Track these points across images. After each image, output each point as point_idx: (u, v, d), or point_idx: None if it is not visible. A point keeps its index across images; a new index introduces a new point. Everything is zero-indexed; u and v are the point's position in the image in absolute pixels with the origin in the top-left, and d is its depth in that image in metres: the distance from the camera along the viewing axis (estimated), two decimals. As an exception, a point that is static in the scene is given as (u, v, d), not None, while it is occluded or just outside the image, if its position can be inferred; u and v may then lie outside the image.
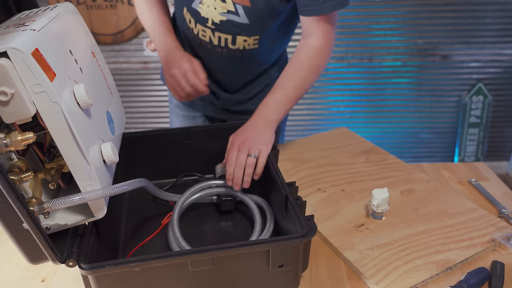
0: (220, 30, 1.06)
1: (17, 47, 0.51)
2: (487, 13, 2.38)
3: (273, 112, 0.97)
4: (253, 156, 0.89)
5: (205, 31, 1.09)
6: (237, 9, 1.01)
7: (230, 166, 0.90)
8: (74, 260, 0.63)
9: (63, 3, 0.74)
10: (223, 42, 1.08)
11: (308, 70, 1.01)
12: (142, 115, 2.64)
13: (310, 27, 1.01)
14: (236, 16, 1.02)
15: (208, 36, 1.09)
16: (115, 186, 0.63)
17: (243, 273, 0.70)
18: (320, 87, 2.56)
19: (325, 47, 1.03)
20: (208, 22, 1.06)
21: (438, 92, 2.59)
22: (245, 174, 0.89)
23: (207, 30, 1.08)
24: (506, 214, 0.93)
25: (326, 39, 1.02)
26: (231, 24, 1.04)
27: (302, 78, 1.01)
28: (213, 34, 1.08)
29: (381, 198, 0.88)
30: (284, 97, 0.99)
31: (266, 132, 0.94)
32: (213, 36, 1.08)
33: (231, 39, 1.07)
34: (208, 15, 1.04)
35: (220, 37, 1.08)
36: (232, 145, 0.92)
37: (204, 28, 1.08)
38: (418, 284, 0.75)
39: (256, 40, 1.08)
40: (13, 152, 0.61)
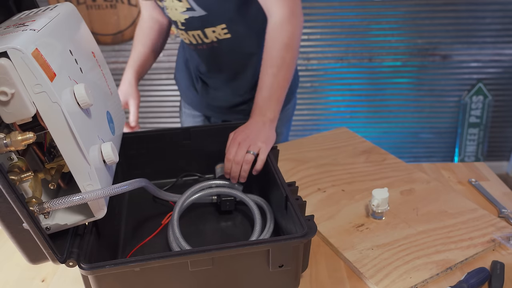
0: (190, 29, 1.11)
1: (17, 47, 0.51)
2: (487, 13, 2.38)
3: (269, 110, 0.97)
4: (251, 153, 0.91)
5: (182, 34, 1.15)
6: (191, 4, 1.05)
7: (229, 161, 0.92)
8: (74, 260, 0.63)
9: (63, 3, 0.74)
10: (198, 39, 1.13)
11: (281, 53, 0.98)
12: (142, 115, 2.65)
13: (266, 2, 0.99)
14: (193, 11, 1.06)
15: (187, 37, 1.16)
16: (115, 186, 0.63)
17: (243, 273, 0.70)
18: (320, 87, 2.56)
19: (289, 19, 0.98)
20: (179, 25, 1.12)
21: (438, 92, 2.59)
22: (242, 170, 0.91)
23: (183, 32, 1.14)
24: (506, 214, 0.93)
25: (287, 9, 0.97)
26: (194, 20, 1.08)
27: (279, 63, 0.98)
28: (187, 34, 1.13)
29: (381, 198, 0.88)
30: (272, 91, 0.98)
31: (266, 130, 0.95)
32: (189, 36, 1.13)
33: (202, 34, 1.11)
34: (175, 17, 1.10)
35: (194, 35, 1.12)
36: (233, 141, 0.93)
37: (180, 30, 1.15)
38: (418, 284, 0.75)
39: (225, 29, 1.10)
40: (13, 152, 0.61)
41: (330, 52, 2.50)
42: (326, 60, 2.51)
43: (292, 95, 1.35)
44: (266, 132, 0.95)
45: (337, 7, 2.39)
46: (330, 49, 2.49)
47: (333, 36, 2.46)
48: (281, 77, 0.98)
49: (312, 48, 2.48)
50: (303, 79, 2.54)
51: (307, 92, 2.56)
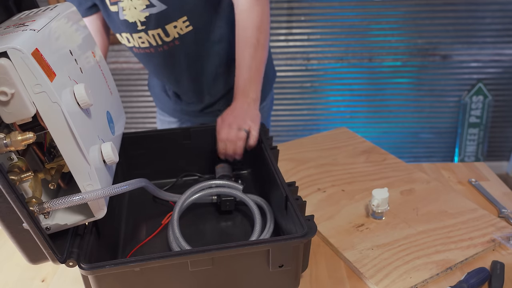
0: (150, 28, 1.07)
1: (17, 47, 0.51)
2: (487, 13, 2.38)
3: (251, 91, 1.00)
4: (244, 130, 0.93)
5: (141, 37, 1.10)
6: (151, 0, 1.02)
7: (222, 141, 0.94)
8: (74, 260, 0.63)
9: (63, 3, 0.74)
10: (158, 39, 1.09)
11: (255, 34, 1.00)
12: (142, 115, 2.65)
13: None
14: (153, 7, 1.03)
15: (146, 40, 1.10)
16: (115, 186, 0.63)
17: (243, 273, 0.70)
18: (320, 87, 2.56)
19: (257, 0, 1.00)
20: (138, 26, 1.07)
21: (438, 92, 2.59)
22: (237, 147, 0.94)
23: (142, 35, 1.09)
24: (506, 214, 0.93)
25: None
26: (155, 17, 1.05)
27: (255, 43, 1.00)
28: (148, 35, 1.09)
29: (381, 198, 0.88)
30: (251, 72, 1.00)
31: (252, 110, 0.98)
32: (149, 37, 1.09)
33: (163, 32, 1.08)
34: (133, 17, 1.06)
35: (154, 35, 1.09)
36: (223, 124, 0.96)
37: (139, 34, 1.09)
38: (418, 284, 0.75)
39: (186, 22, 1.08)
40: (13, 152, 0.61)
41: (330, 52, 2.50)
42: (326, 60, 2.51)
43: (268, 92, 1.32)
44: (252, 111, 0.98)
45: (337, 7, 2.39)
46: (330, 49, 2.49)
47: (333, 36, 2.46)
48: (258, 57, 1.01)
49: (312, 48, 2.48)
50: (303, 79, 2.54)
51: (307, 92, 2.56)
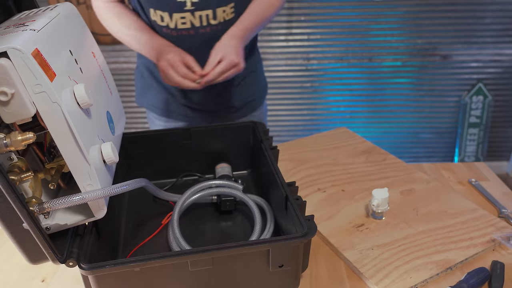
0: (199, 8, 1.08)
1: (17, 47, 0.51)
2: (487, 13, 2.39)
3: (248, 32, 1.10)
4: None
5: (184, 17, 1.09)
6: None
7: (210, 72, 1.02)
8: (74, 260, 0.63)
9: (63, 3, 0.74)
10: (205, 20, 1.10)
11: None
12: (142, 115, 2.65)
13: None
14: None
15: (189, 21, 1.10)
16: (115, 186, 0.63)
17: (243, 273, 0.70)
18: (320, 87, 2.56)
19: None
20: (186, 5, 1.07)
21: (438, 92, 2.60)
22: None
23: (186, 15, 1.08)
24: (506, 214, 0.93)
25: None
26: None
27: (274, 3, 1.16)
28: (193, 16, 1.09)
29: (381, 198, 0.88)
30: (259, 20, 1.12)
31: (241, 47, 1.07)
32: (194, 17, 1.09)
33: (212, 14, 1.09)
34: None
35: (201, 16, 1.09)
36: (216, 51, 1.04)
37: (183, 14, 1.08)
38: (418, 284, 0.75)
39: (232, 8, 1.11)
40: (13, 152, 0.61)
41: (330, 52, 2.50)
42: (326, 60, 2.51)
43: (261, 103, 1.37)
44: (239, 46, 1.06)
45: (337, 7, 2.39)
46: (330, 49, 2.49)
47: (333, 36, 2.46)
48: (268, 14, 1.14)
49: (312, 48, 2.48)
50: (303, 79, 2.54)
51: (307, 92, 2.56)
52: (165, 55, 1.03)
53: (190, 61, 1.04)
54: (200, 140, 1.02)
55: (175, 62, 1.02)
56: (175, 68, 1.02)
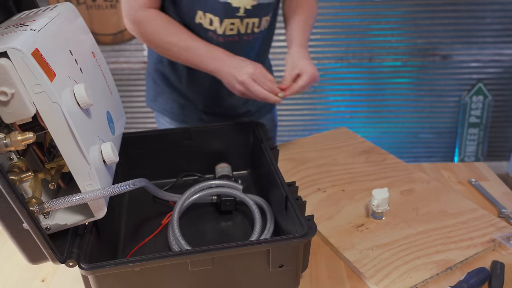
0: (249, 16, 1.06)
1: (17, 47, 0.51)
2: (487, 13, 2.38)
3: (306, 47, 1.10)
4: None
5: (233, 23, 1.06)
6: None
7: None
8: (74, 260, 0.63)
9: (63, 3, 0.74)
10: (250, 28, 1.09)
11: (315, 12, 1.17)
12: (142, 115, 2.65)
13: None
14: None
15: (237, 27, 1.07)
16: (115, 186, 0.63)
17: (243, 273, 0.70)
18: (320, 87, 2.56)
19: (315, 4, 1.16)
20: (239, 12, 1.04)
21: (438, 92, 2.59)
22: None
23: (236, 21, 1.06)
24: (506, 214, 0.93)
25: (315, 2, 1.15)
26: (261, 7, 1.05)
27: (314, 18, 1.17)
28: (242, 23, 1.07)
29: (381, 198, 0.88)
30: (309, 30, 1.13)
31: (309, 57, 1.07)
32: (241, 24, 1.07)
33: (258, 22, 1.08)
34: (240, 3, 1.03)
35: (247, 23, 1.07)
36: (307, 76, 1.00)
37: (233, 20, 1.05)
38: (418, 284, 0.75)
39: (269, 17, 1.12)
40: (13, 152, 0.61)
41: (330, 52, 2.50)
42: (326, 60, 2.51)
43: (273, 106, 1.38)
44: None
45: (337, 7, 2.39)
46: (330, 49, 2.49)
47: (333, 36, 2.46)
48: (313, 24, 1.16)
49: (312, 48, 2.48)
50: (303, 79, 2.54)
51: (307, 92, 2.56)
52: (245, 68, 0.96)
53: (268, 75, 0.98)
54: (200, 140, 1.02)
55: (258, 76, 0.96)
56: (260, 82, 0.95)
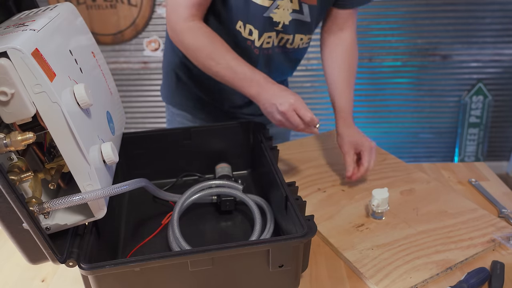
0: (286, 32, 1.06)
1: (17, 47, 0.51)
2: (487, 13, 2.38)
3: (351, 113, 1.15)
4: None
5: (271, 37, 1.06)
6: (302, 7, 1.03)
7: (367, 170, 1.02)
8: (74, 260, 0.63)
9: (63, 3, 0.74)
10: (283, 42, 1.09)
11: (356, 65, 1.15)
12: (142, 115, 2.65)
13: (346, 20, 1.11)
14: (300, 14, 1.04)
15: (273, 41, 1.07)
16: (115, 186, 0.63)
17: (243, 273, 0.70)
18: (320, 87, 2.56)
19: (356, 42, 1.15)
20: (278, 26, 1.04)
21: (438, 92, 2.59)
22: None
23: (273, 34, 1.06)
24: (506, 214, 0.93)
25: (355, 33, 1.15)
26: (297, 23, 1.05)
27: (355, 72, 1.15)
28: (277, 36, 1.07)
29: (381, 198, 0.88)
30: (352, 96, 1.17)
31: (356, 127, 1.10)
32: (276, 38, 1.07)
33: (292, 39, 1.08)
34: (281, 18, 1.02)
35: (282, 38, 1.08)
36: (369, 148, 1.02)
37: (271, 33, 1.05)
38: (418, 284, 0.75)
39: (309, 39, 1.13)
40: (13, 152, 0.61)
41: (330, 52, 2.50)
42: (326, 60, 2.51)
43: None
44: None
45: (337, 7, 2.39)
46: (330, 49, 2.49)
47: (333, 36, 2.46)
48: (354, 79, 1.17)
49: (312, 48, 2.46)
50: (303, 79, 2.54)
51: (307, 92, 2.56)
52: (287, 98, 0.91)
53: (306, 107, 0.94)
54: (200, 140, 1.02)
55: (299, 107, 0.91)
56: (301, 114, 0.91)
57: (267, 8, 1.00)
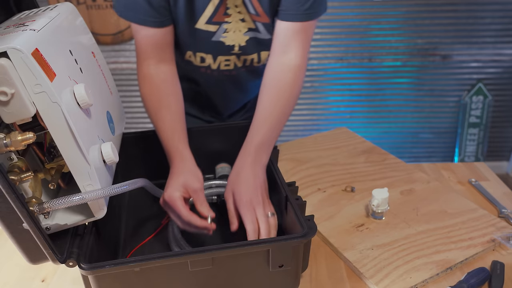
0: (246, 53, 1.02)
1: (17, 47, 0.51)
2: (487, 13, 2.38)
3: (264, 154, 0.88)
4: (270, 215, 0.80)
5: (229, 60, 1.02)
6: (257, 26, 0.97)
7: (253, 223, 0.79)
8: (74, 260, 0.63)
9: (63, 3, 0.74)
10: (249, 62, 1.05)
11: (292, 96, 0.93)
12: (142, 115, 2.64)
13: (289, 40, 0.92)
14: (257, 32, 0.98)
15: (233, 63, 1.04)
16: (115, 186, 0.63)
17: (243, 273, 0.70)
18: (320, 87, 2.56)
19: (302, 68, 0.94)
20: (234, 49, 1.00)
21: (438, 92, 2.59)
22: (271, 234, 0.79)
23: (232, 58, 1.02)
24: (506, 214, 0.93)
25: (304, 58, 0.94)
26: (256, 42, 1.00)
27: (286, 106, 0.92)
28: (238, 59, 1.03)
29: (381, 198, 0.88)
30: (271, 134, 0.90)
31: (262, 177, 0.86)
32: (238, 60, 1.04)
33: (257, 57, 1.04)
34: (234, 41, 0.98)
35: (245, 60, 1.04)
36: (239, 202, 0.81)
37: (228, 57, 1.02)
38: (418, 284, 0.75)
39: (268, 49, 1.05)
40: (13, 152, 0.61)
41: (330, 52, 2.50)
42: (326, 60, 2.51)
43: None
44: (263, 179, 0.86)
45: (337, 7, 2.39)
46: (330, 49, 2.49)
47: (333, 36, 2.46)
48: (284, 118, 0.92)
49: (312, 48, 2.47)
50: (303, 79, 2.54)
51: (307, 92, 2.56)
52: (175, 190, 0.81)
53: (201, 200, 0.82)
54: (200, 140, 1.02)
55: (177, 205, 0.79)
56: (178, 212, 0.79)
57: (213, 33, 0.97)
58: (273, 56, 0.94)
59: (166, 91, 0.93)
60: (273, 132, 0.90)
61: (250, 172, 0.85)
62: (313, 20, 0.92)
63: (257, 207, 0.80)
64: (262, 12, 0.93)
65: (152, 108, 0.92)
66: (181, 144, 0.88)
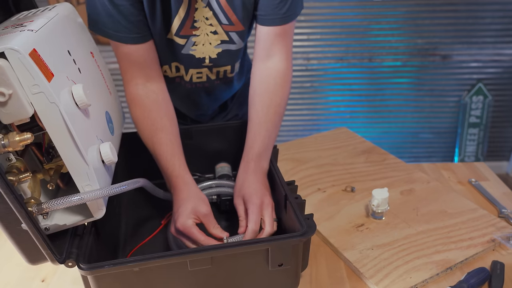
0: (219, 65, 1.00)
1: (14, 47, 0.51)
2: (487, 13, 2.38)
3: (266, 161, 0.90)
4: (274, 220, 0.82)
5: (201, 72, 1.01)
6: (231, 36, 0.95)
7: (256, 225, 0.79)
8: (73, 260, 0.63)
9: (62, 4, 0.74)
10: (222, 74, 1.04)
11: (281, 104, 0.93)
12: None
13: (271, 44, 0.91)
14: (231, 44, 0.97)
15: (205, 75, 1.03)
16: (114, 186, 0.63)
17: (242, 272, 0.70)
18: (320, 87, 2.56)
19: (289, 70, 0.94)
20: (205, 62, 0.99)
21: (438, 92, 2.59)
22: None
23: (203, 70, 1.01)
24: (506, 214, 0.92)
25: (288, 60, 0.94)
26: (229, 53, 0.99)
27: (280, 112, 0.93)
28: (211, 71, 1.02)
29: (381, 198, 0.88)
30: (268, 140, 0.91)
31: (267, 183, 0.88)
32: (211, 73, 1.02)
33: (231, 68, 1.03)
34: (204, 54, 0.97)
35: (218, 71, 1.02)
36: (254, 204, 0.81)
37: (200, 69, 1.01)
38: (418, 284, 0.75)
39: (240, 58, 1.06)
40: (12, 152, 0.61)
41: (330, 52, 2.50)
42: (326, 60, 2.51)
43: None
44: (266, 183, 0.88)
45: (337, 7, 2.38)
46: (330, 49, 2.49)
47: (333, 36, 2.46)
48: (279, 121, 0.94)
49: (312, 48, 2.48)
50: (303, 79, 2.53)
51: (307, 92, 2.56)
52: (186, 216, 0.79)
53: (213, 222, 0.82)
54: (200, 139, 1.02)
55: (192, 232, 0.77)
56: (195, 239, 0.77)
57: (182, 46, 0.95)
58: (257, 61, 0.93)
59: (159, 113, 0.90)
60: (270, 137, 0.91)
61: (255, 178, 0.86)
62: (293, 21, 0.92)
63: (266, 209, 0.81)
64: (236, 21, 0.92)
65: (147, 132, 0.89)
66: (182, 169, 0.87)
